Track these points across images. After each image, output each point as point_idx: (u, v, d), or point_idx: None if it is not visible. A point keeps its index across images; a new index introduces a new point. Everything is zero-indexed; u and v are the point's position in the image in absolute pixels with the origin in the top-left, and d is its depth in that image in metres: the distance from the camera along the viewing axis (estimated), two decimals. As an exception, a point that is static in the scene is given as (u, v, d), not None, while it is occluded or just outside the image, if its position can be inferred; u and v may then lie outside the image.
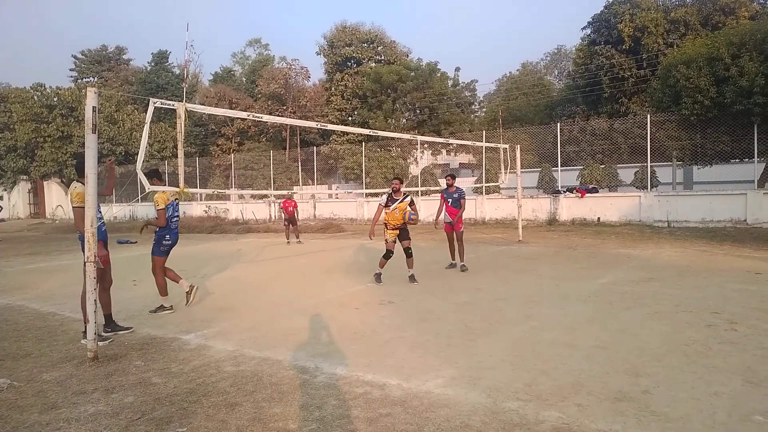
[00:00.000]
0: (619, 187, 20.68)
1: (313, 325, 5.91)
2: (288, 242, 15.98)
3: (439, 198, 10.15)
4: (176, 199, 6.94)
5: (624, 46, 27.48)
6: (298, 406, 3.66)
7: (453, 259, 10.13)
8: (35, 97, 36.20)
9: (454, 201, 9.89)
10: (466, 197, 10.19)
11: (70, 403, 3.87)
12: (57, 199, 38.92)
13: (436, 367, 4.40)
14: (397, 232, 8.51)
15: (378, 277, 8.52)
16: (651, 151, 18.42)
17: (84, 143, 4.84)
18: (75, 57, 50.27)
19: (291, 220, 16.29)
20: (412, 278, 8.50)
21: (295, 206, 16.52)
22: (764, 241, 12.56)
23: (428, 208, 23.02)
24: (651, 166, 18.85)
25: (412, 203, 8.47)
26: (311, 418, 3.47)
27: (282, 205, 16.63)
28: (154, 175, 6.74)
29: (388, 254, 8.54)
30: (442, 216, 10.08)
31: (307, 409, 3.60)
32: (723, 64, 16.22)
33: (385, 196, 8.61)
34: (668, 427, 3.21)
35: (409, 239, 8.63)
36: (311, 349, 5.03)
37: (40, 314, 6.90)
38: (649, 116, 18.65)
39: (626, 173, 20.51)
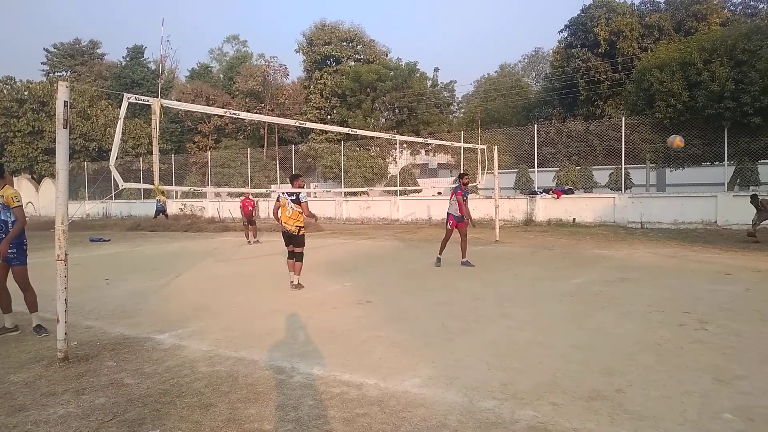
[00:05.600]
0: (594, 189, 21.02)
1: (290, 325, 5.87)
2: (249, 242, 15.81)
3: (456, 196, 10.04)
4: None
5: (600, 50, 27.94)
6: (274, 407, 3.63)
7: (441, 254, 10.17)
8: (5, 91, 35.33)
9: (467, 197, 10.18)
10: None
11: (38, 404, 3.78)
12: (27, 196, 37.97)
13: (413, 366, 4.40)
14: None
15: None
16: (625, 153, 18.76)
17: (55, 138, 4.72)
18: (47, 50, 49.17)
19: (249, 219, 16.10)
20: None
21: (254, 206, 16.34)
22: (733, 243, 12.87)
23: (406, 207, 23.13)
24: (625, 168, 19.20)
25: (297, 201, 8.00)
26: (287, 418, 3.44)
27: (240, 204, 16.44)
28: None
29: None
30: (455, 213, 10.13)
31: (283, 410, 3.57)
32: (695, 69, 16.60)
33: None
34: (641, 425, 3.26)
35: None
36: (288, 349, 4.99)
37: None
38: (623, 119, 18.99)
39: (601, 175, 20.86)
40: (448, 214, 10.29)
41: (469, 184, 10.24)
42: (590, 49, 28.54)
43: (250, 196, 16.59)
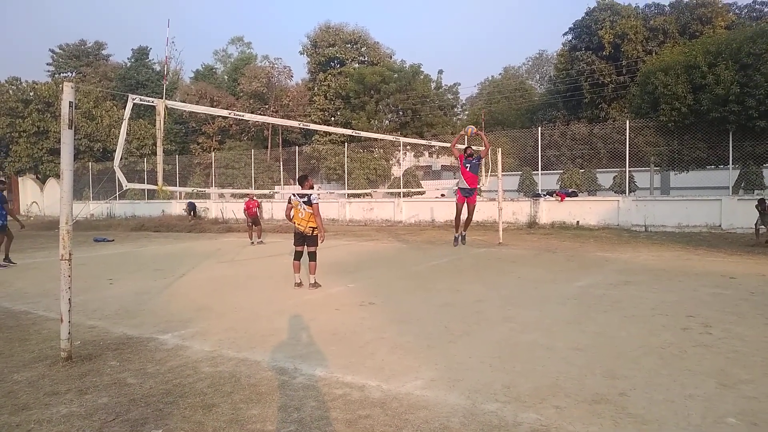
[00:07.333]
0: (598, 192, 20.95)
1: (293, 326, 5.87)
2: (252, 243, 15.81)
3: (458, 161, 9.24)
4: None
5: (604, 53, 27.88)
6: (276, 408, 3.63)
7: (457, 232, 9.52)
8: (10, 91, 35.45)
9: (473, 166, 9.14)
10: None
11: (41, 404, 3.79)
12: (32, 196, 38.15)
13: (416, 368, 4.40)
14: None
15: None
16: (629, 156, 18.72)
17: (60, 139, 4.74)
18: (52, 51, 49.38)
19: (254, 220, 16.14)
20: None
21: (258, 206, 16.37)
22: (738, 246, 12.82)
23: (410, 209, 23.15)
24: (629, 171, 19.14)
25: (308, 203, 8.10)
26: (289, 419, 3.44)
27: (245, 205, 16.50)
28: None
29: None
30: (463, 185, 9.36)
31: (286, 411, 3.57)
32: (700, 72, 16.56)
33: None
34: (644, 429, 3.25)
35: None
36: (290, 350, 4.99)
37: (12, 313, 6.73)
38: (628, 122, 18.97)
39: (605, 178, 20.80)
40: (456, 189, 9.46)
41: (474, 154, 9.39)
42: (594, 52, 28.48)
43: (254, 197, 16.61)
